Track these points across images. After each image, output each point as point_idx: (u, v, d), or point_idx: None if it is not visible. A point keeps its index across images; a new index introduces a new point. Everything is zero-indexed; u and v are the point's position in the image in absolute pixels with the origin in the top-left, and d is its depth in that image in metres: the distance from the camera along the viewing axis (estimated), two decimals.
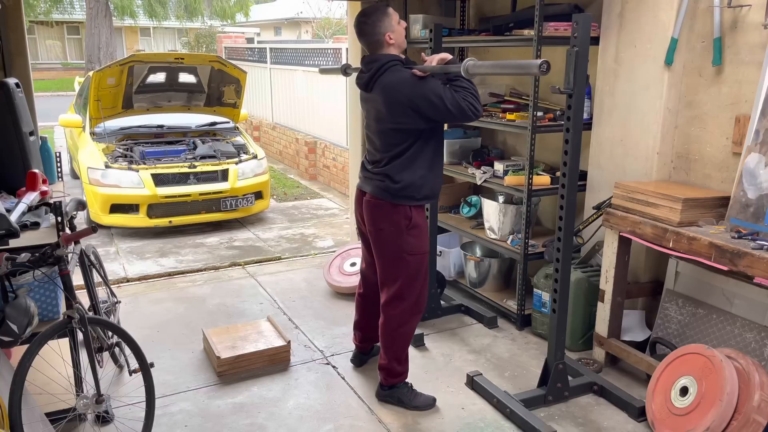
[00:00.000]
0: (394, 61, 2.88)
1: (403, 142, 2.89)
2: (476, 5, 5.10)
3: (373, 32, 2.89)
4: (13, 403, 2.31)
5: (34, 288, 2.78)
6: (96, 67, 14.70)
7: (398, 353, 3.14)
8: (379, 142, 2.98)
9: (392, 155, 2.92)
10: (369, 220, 3.07)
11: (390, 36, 2.90)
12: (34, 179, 3.06)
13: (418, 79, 2.82)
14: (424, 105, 2.79)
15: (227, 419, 3.08)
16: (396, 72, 2.85)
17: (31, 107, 3.83)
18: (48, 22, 26.20)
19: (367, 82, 2.93)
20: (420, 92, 2.78)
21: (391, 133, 2.90)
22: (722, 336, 3.13)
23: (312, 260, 5.50)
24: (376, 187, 2.98)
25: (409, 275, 3.04)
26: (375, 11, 2.89)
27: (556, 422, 3.04)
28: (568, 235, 3.02)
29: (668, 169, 3.52)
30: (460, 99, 2.77)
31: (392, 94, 2.84)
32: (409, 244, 3.00)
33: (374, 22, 2.88)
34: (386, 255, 3.06)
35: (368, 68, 2.92)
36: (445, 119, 2.92)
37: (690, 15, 3.29)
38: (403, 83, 2.82)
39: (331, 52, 8.71)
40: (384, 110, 2.88)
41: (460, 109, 2.77)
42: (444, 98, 2.76)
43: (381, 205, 2.99)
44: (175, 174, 6.19)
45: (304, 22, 26.76)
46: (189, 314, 4.31)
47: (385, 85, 2.86)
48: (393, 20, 2.91)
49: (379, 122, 2.95)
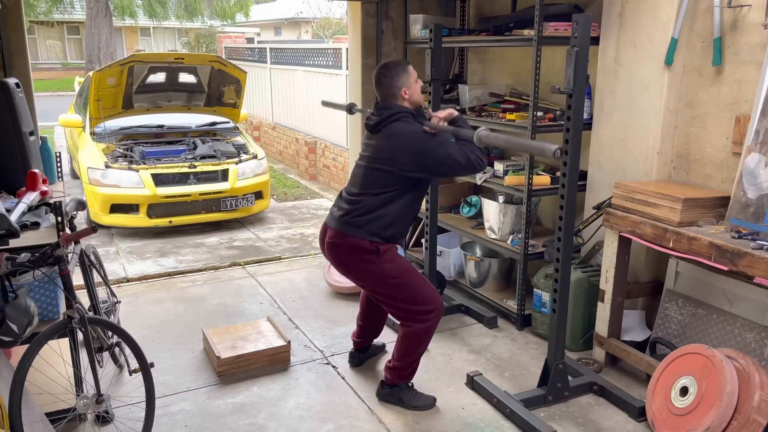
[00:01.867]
0: (406, 113, 2.99)
1: (389, 184, 2.96)
2: (476, 5, 5.10)
3: (390, 85, 3.00)
4: (13, 403, 2.31)
5: (34, 288, 2.78)
6: (96, 67, 14.70)
7: (416, 356, 3.15)
8: (364, 178, 3.04)
9: (372, 193, 2.99)
10: (335, 262, 3.13)
11: (405, 91, 3.01)
12: (34, 179, 3.06)
13: (430, 135, 2.93)
14: (432, 158, 2.88)
15: (227, 419, 3.08)
16: (407, 123, 2.96)
17: (31, 107, 3.83)
18: (48, 22, 26.20)
19: (376, 125, 3.01)
20: (429, 146, 2.89)
21: (383, 173, 2.97)
22: (722, 336, 3.13)
23: (312, 260, 5.50)
24: (341, 223, 3.01)
25: (405, 293, 3.03)
26: (396, 66, 3.04)
27: (556, 422, 3.04)
28: (568, 235, 3.02)
29: (668, 169, 3.52)
30: (468, 152, 2.89)
31: (400, 142, 2.92)
32: (388, 269, 3.00)
33: (393, 75, 3.00)
34: (374, 287, 3.09)
35: (379, 113, 3.01)
36: (449, 172, 3.10)
37: (690, 15, 3.29)
38: (414, 135, 2.92)
39: (331, 52, 8.71)
40: (386, 154, 2.95)
41: (468, 162, 2.89)
42: (454, 154, 2.87)
43: (342, 245, 3.01)
44: (175, 174, 6.19)
45: (304, 22, 26.76)
46: (189, 314, 4.31)
47: (394, 132, 2.95)
48: (411, 78, 3.03)
49: (374, 161, 3.00)
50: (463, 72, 5.34)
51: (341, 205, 3.08)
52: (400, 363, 3.15)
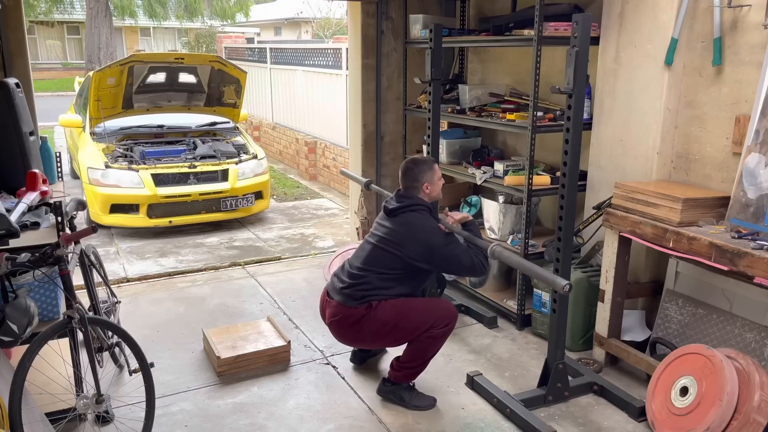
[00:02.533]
0: (424, 206, 3.18)
1: (394, 267, 3.09)
2: (476, 5, 5.10)
3: (415, 178, 3.19)
4: (13, 403, 2.31)
5: (34, 288, 2.78)
6: (96, 67, 14.70)
7: (428, 358, 3.18)
8: (370, 256, 3.14)
9: (377, 273, 3.09)
10: (344, 339, 3.24)
11: (428, 186, 3.19)
12: (34, 179, 3.06)
13: (443, 233, 3.10)
14: (438, 255, 3.04)
15: (227, 419, 3.08)
16: (424, 217, 3.13)
17: (31, 107, 3.83)
18: (48, 22, 26.21)
19: (394, 210, 3.17)
20: (441, 244, 3.04)
21: (390, 255, 3.09)
22: (722, 336, 3.13)
23: (312, 260, 5.50)
24: (343, 296, 3.11)
25: (410, 324, 3.06)
26: (424, 163, 3.23)
27: (556, 422, 3.04)
28: (568, 235, 3.02)
29: (668, 169, 3.52)
30: (473, 255, 3.07)
31: (413, 232, 3.07)
32: (382, 320, 3.05)
33: (420, 171, 3.19)
34: (381, 342, 3.22)
35: (399, 201, 3.19)
36: (453, 272, 3.24)
37: (690, 15, 3.29)
38: (428, 229, 3.08)
39: (331, 52, 8.71)
40: (397, 238, 3.09)
41: (471, 264, 3.06)
42: (461, 255, 3.06)
43: (344, 320, 3.10)
44: (175, 174, 6.19)
45: (304, 22, 26.76)
46: (189, 314, 4.31)
47: (409, 221, 3.11)
48: (435, 176, 3.22)
49: (382, 242, 3.13)
50: (463, 72, 5.34)
51: (343, 278, 3.16)
52: (411, 363, 3.16)
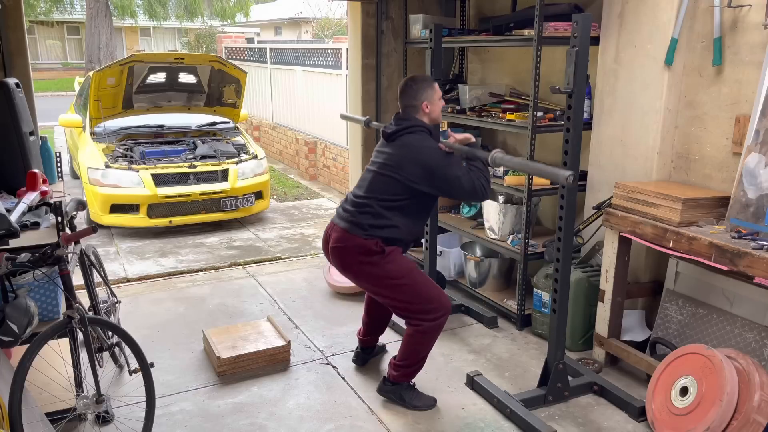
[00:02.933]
0: (423, 127, 3.06)
1: (397, 193, 3.01)
2: (476, 5, 5.10)
3: (414, 96, 3.07)
4: (13, 403, 2.31)
5: (34, 288, 2.78)
6: (96, 67, 14.70)
7: (423, 354, 3.16)
8: (373, 183, 3.07)
9: (379, 200, 3.01)
10: (341, 267, 3.14)
11: (427, 105, 3.08)
12: (34, 179, 3.06)
13: (443, 152, 3.00)
14: (439, 176, 2.94)
15: (227, 419, 3.08)
16: (423, 137, 3.02)
17: (31, 107, 3.83)
18: (48, 22, 26.20)
19: (392, 134, 3.07)
20: (440, 163, 2.94)
21: (392, 181, 3.01)
22: (722, 336, 3.13)
23: (312, 260, 5.50)
24: (347, 223, 3.04)
25: (412, 292, 3.04)
26: (423, 80, 3.11)
27: (556, 422, 3.04)
28: (568, 235, 3.02)
29: (668, 169, 3.52)
30: (475, 178, 2.96)
31: (413, 154, 2.97)
32: (392, 270, 3.02)
33: (418, 89, 3.07)
34: (379, 290, 3.11)
35: (398, 124, 3.07)
36: (452, 194, 3.06)
37: (690, 15, 3.29)
38: (427, 150, 2.97)
39: (331, 52, 8.71)
40: (397, 162, 3.00)
41: (472, 187, 2.95)
42: (461, 177, 2.94)
43: (347, 248, 3.03)
44: (175, 174, 6.19)
45: (304, 22, 26.76)
46: (189, 314, 4.31)
47: (408, 143, 3.01)
48: (435, 94, 3.10)
49: (384, 167, 3.05)
50: (463, 72, 5.34)
51: (347, 207, 3.10)
52: (405, 361, 3.15)
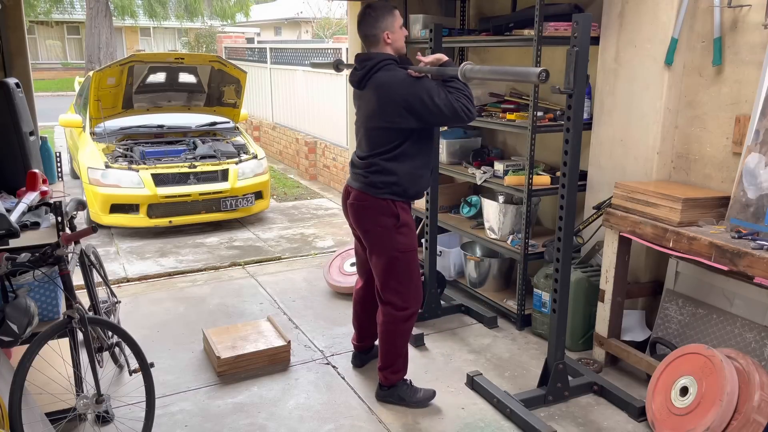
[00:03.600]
0: (389, 60, 2.89)
1: (391, 141, 2.91)
2: (476, 5, 5.10)
3: (374, 26, 2.90)
4: (13, 403, 2.31)
5: (34, 288, 2.77)
6: (96, 67, 14.70)
7: (399, 350, 3.15)
8: (368, 140, 2.99)
9: (379, 152, 2.94)
10: (356, 223, 3.11)
11: (388, 35, 2.91)
12: (34, 179, 3.06)
13: (414, 79, 2.83)
14: (418, 105, 2.79)
15: (227, 419, 3.08)
16: (390, 71, 2.86)
17: (31, 107, 3.83)
18: (48, 22, 26.19)
19: (360, 79, 2.93)
20: (414, 91, 2.79)
21: (381, 131, 2.91)
22: (722, 336, 3.13)
23: (312, 260, 5.50)
24: (361, 183, 3.01)
25: (402, 272, 3.05)
26: (382, 7, 2.91)
27: (556, 422, 3.04)
28: (568, 235, 3.02)
29: (668, 169, 3.52)
30: (454, 100, 2.78)
31: (386, 92, 2.84)
32: (399, 242, 3.01)
33: (378, 16, 2.89)
34: (378, 254, 3.08)
35: (362, 66, 2.92)
36: (437, 121, 2.92)
37: (690, 15, 3.29)
38: (398, 82, 2.82)
39: (331, 52, 8.71)
40: (376, 108, 2.88)
41: (453, 110, 2.78)
42: (437, 99, 2.77)
43: (365, 206, 3.01)
44: (175, 174, 6.19)
45: (304, 22, 26.76)
46: (189, 314, 4.31)
47: (379, 83, 2.86)
48: (396, 22, 2.93)
49: (369, 120, 2.95)
50: None
51: (357, 169, 3.06)
52: (387, 361, 3.16)
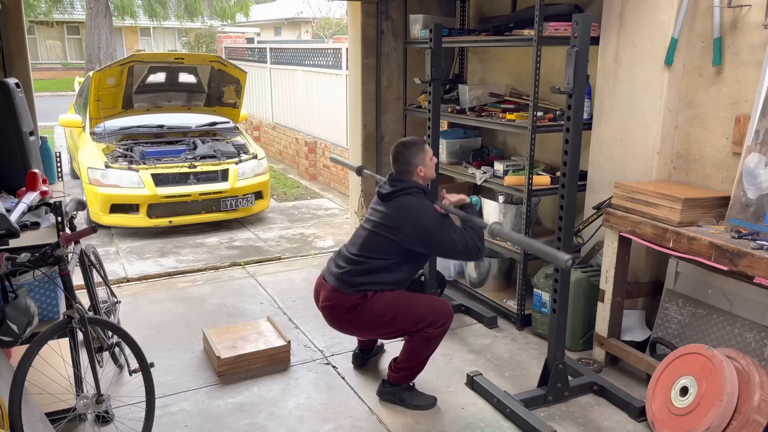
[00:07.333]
0: (418, 188, 3.09)
1: (388, 252, 3.03)
2: (476, 5, 5.10)
3: (407, 162, 3.11)
4: (13, 403, 2.32)
5: (34, 288, 2.78)
6: (96, 67, 14.70)
7: (424, 359, 3.17)
8: (367, 244, 3.08)
9: (373, 258, 3.03)
10: (332, 323, 3.17)
11: (421, 169, 3.11)
12: (34, 179, 3.06)
13: (440, 215, 3.02)
14: (436, 240, 2.97)
15: (227, 419, 3.08)
16: (419, 199, 3.05)
17: (31, 107, 3.83)
18: (48, 22, 26.20)
19: (388, 194, 3.09)
20: (437, 228, 2.97)
21: (386, 241, 3.03)
22: (722, 336, 3.13)
23: (312, 260, 5.50)
24: (338, 280, 3.05)
25: (405, 320, 3.03)
26: (414, 144, 3.13)
27: (556, 422, 3.04)
28: (568, 235, 3.02)
29: (668, 169, 3.52)
30: (469, 239, 2.98)
31: (408, 215, 3.00)
32: (378, 311, 3.00)
33: (411, 154, 3.11)
34: (372, 333, 3.21)
35: (393, 185, 3.10)
36: (444, 253, 3.10)
37: (690, 15, 3.29)
38: (423, 212, 3.00)
39: (331, 52, 8.71)
40: (392, 223, 3.03)
41: (467, 250, 2.98)
42: (456, 239, 2.97)
43: (337, 306, 3.05)
44: (175, 174, 6.19)
45: (304, 22, 26.75)
46: (189, 314, 4.31)
47: (405, 204, 3.04)
48: (427, 156, 3.13)
49: (378, 227, 3.07)
50: (463, 72, 5.34)
51: (339, 263, 3.12)
52: (407, 363, 3.16)
